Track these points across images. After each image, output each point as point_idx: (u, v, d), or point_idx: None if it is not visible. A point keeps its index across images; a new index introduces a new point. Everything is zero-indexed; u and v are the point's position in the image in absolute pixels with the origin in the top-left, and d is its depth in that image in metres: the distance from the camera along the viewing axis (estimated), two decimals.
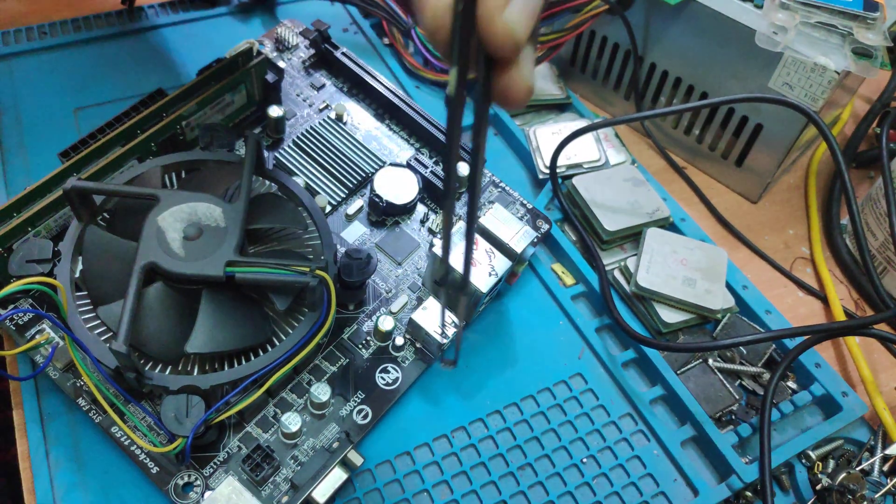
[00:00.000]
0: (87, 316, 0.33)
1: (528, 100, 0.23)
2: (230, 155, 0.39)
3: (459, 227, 0.39)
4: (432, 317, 0.38)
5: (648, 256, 0.42)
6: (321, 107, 0.47)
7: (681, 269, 0.42)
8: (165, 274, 0.32)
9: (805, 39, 0.42)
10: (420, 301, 0.40)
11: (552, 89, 0.53)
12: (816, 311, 0.46)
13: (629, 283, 0.42)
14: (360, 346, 0.38)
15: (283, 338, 0.35)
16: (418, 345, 0.39)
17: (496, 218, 0.40)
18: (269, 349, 0.34)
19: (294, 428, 0.34)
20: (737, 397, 0.39)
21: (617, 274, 0.44)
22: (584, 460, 0.37)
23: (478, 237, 0.39)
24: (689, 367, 0.40)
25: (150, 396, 0.34)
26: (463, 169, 0.44)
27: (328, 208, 0.42)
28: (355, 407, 0.36)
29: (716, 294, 0.41)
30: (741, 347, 0.41)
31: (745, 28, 0.43)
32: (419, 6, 0.22)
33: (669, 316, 0.41)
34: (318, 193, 0.43)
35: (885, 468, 0.38)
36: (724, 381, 0.40)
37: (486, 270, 0.38)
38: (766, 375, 0.41)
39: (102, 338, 0.33)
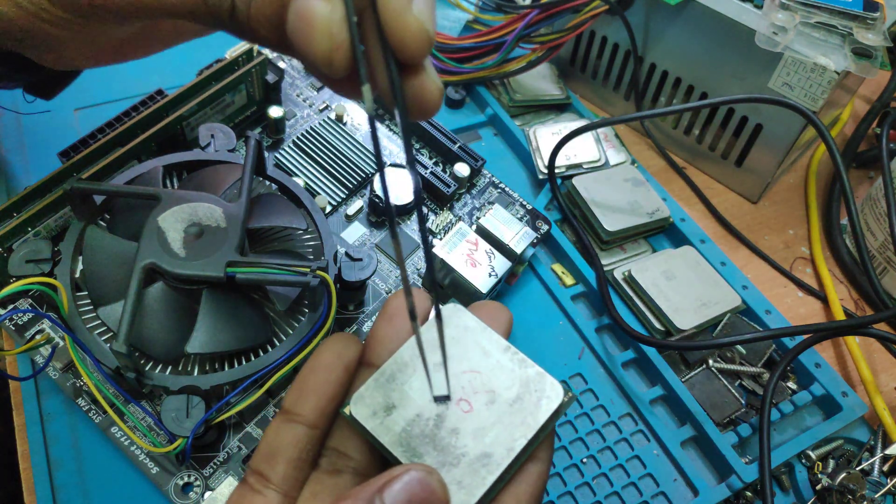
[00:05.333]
0: (87, 316, 0.33)
1: (441, 101, 0.21)
2: (231, 155, 0.39)
3: (459, 228, 0.39)
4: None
5: (668, 302, 0.42)
6: (321, 107, 0.47)
7: (693, 296, 0.42)
8: (166, 274, 0.32)
9: (805, 40, 0.42)
10: None
11: (552, 89, 0.53)
12: (816, 311, 0.46)
13: (673, 331, 0.41)
14: None
15: (284, 338, 0.35)
16: None
17: (496, 219, 0.40)
18: (270, 349, 0.34)
19: None
20: (742, 402, 0.39)
21: (629, 291, 0.44)
22: (584, 460, 0.37)
23: (477, 238, 0.39)
24: (693, 373, 0.40)
25: (150, 397, 0.34)
26: (463, 170, 0.44)
27: (328, 208, 0.42)
28: None
29: (726, 294, 0.42)
30: (741, 348, 0.41)
31: (744, 28, 0.43)
32: (302, 32, 0.19)
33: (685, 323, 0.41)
34: (318, 194, 0.43)
35: (885, 468, 0.38)
36: (730, 387, 0.40)
37: (485, 271, 0.38)
38: (766, 375, 0.41)
39: (103, 338, 0.33)
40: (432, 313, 0.23)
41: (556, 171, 0.47)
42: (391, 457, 0.21)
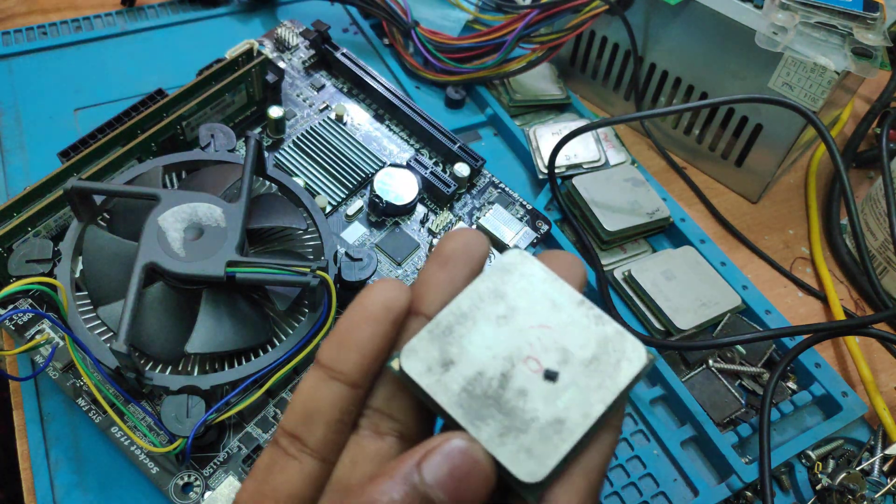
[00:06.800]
0: (87, 316, 0.33)
1: None
2: (231, 155, 0.39)
3: (459, 225, 0.39)
4: None
5: (668, 302, 0.42)
6: (321, 107, 0.47)
7: (693, 297, 0.42)
8: (166, 274, 0.32)
9: (805, 40, 0.42)
10: None
11: (552, 89, 0.53)
12: (816, 311, 0.46)
13: (673, 331, 0.41)
14: None
15: (284, 338, 0.35)
16: None
17: (496, 219, 0.40)
18: (270, 349, 0.34)
19: None
20: (742, 402, 0.39)
21: (629, 291, 0.44)
22: None
23: None
24: (692, 373, 0.40)
25: (150, 397, 0.34)
26: (463, 170, 0.44)
27: (328, 208, 0.42)
28: None
29: (726, 294, 0.42)
30: (741, 348, 0.41)
31: (744, 28, 0.43)
32: None
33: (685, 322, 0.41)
34: (318, 194, 0.43)
35: (885, 468, 0.38)
36: (730, 387, 0.39)
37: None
38: (766, 375, 0.41)
39: (103, 338, 0.33)
40: (489, 261, 0.20)
41: (556, 171, 0.47)
42: (448, 419, 0.18)
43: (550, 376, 0.19)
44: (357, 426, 0.20)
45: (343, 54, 0.48)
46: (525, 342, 0.19)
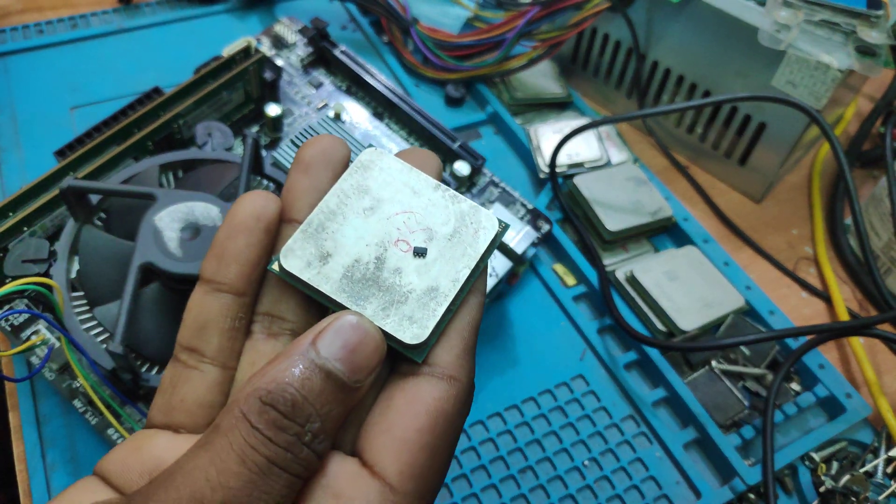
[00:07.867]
0: (83, 317, 0.33)
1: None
2: (228, 154, 0.38)
3: None
4: None
5: (671, 302, 0.41)
6: (319, 105, 0.47)
7: (696, 297, 0.42)
8: (162, 274, 0.32)
9: (808, 37, 0.42)
10: None
11: (553, 87, 0.53)
12: (820, 312, 0.46)
13: (676, 332, 0.41)
14: None
15: None
16: None
17: None
18: None
19: None
20: (746, 404, 0.39)
21: (632, 291, 0.43)
22: (586, 463, 0.37)
23: None
24: (695, 375, 0.40)
25: (146, 398, 0.34)
26: (463, 169, 0.43)
27: None
28: None
29: (729, 294, 0.42)
30: (745, 349, 0.41)
31: (747, 26, 0.43)
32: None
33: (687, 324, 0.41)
34: None
35: (889, 470, 0.38)
36: (733, 389, 0.39)
37: (486, 271, 0.37)
38: (770, 377, 0.41)
39: (99, 339, 0.33)
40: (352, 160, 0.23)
41: (558, 169, 0.47)
42: (335, 305, 0.20)
43: (420, 253, 0.21)
44: (251, 332, 0.21)
45: (342, 52, 0.48)
46: (393, 227, 0.21)
